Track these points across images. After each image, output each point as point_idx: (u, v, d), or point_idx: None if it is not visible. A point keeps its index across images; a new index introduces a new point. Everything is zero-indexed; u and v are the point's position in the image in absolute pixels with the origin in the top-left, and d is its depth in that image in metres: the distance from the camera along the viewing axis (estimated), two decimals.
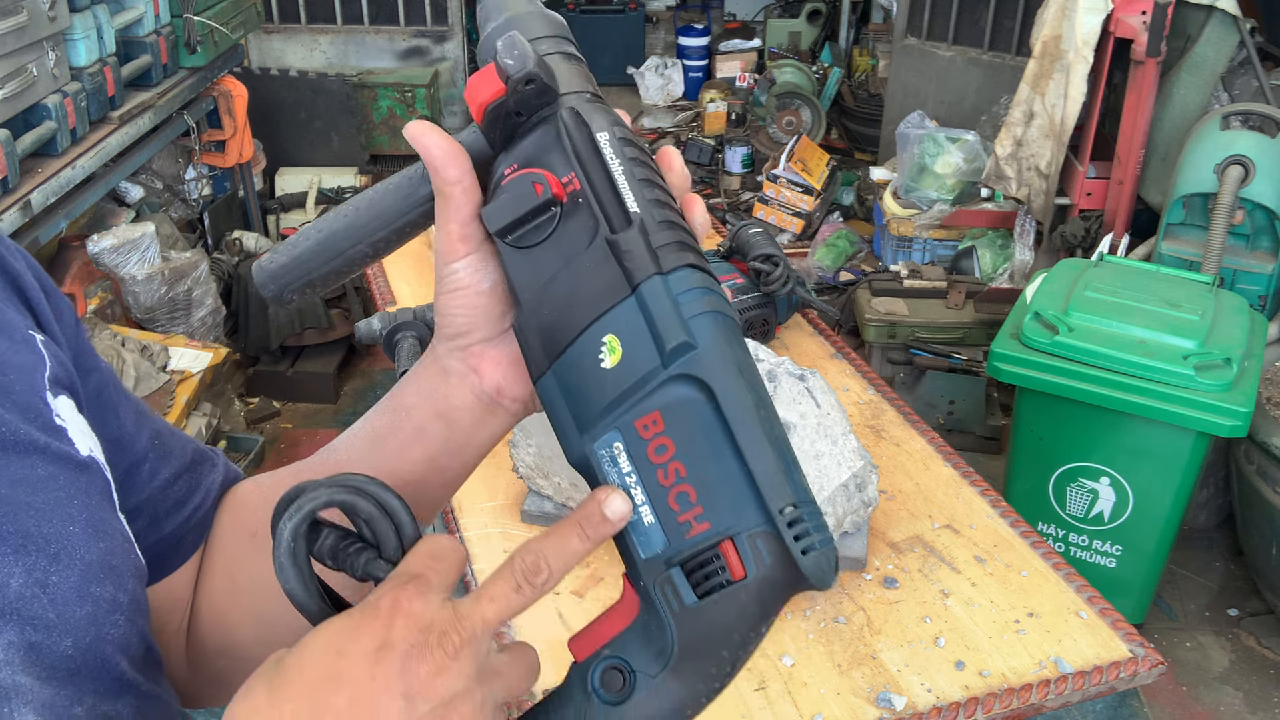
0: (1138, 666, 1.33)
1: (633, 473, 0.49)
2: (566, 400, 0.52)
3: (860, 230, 4.58)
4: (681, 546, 0.48)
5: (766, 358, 1.45)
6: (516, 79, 0.54)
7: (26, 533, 0.49)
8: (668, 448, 0.49)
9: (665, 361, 0.49)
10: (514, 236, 0.55)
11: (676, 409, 0.49)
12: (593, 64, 1.94)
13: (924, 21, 4.66)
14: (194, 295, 3.38)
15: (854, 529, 1.46)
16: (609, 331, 0.50)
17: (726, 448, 0.48)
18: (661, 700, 0.49)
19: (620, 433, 0.50)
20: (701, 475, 0.48)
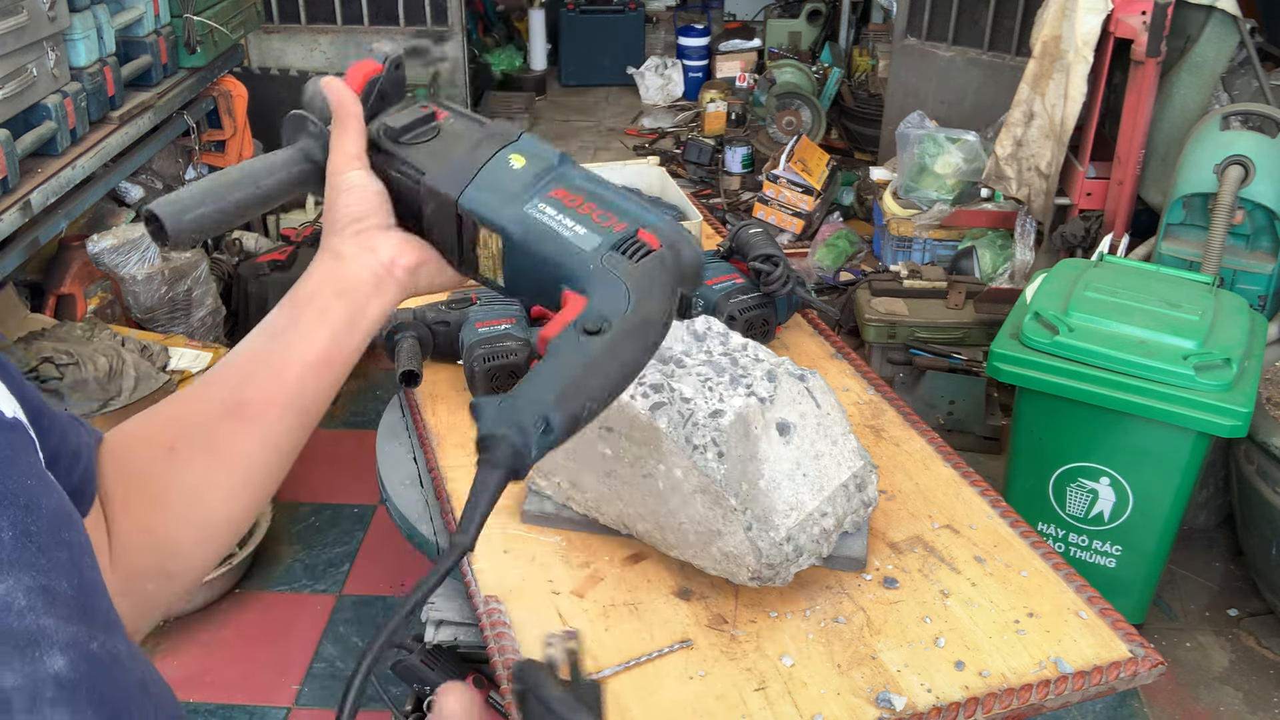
0: (1138, 666, 1.33)
1: (559, 213, 0.73)
2: (491, 192, 0.75)
3: (860, 230, 4.58)
4: (612, 237, 0.71)
5: (766, 358, 1.45)
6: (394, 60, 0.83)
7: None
8: (577, 199, 0.74)
9: (559, 165, 0.76)
10: (409, 136, 0.80)
11: (573, 181, 0.75)
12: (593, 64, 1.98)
13: (924, 21, 4.66)
14: (194, 295, 3.38)
15: (854, 529, 1.46)
16: (513, 153, 0.77)
17: (620, 194, 0.74)
18: (635, 324, 0.67)
19: (539, 198, 0.74)
20: (605, 203, 0.74)
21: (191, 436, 0.75)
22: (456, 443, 1.74)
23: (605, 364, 0.66)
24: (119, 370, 2.58)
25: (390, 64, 0.82)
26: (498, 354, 1.75)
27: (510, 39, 6.97)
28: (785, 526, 1.34)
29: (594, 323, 0.66)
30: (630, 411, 1.35)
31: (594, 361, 0.65)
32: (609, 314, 0.67)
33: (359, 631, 2.72)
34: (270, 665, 2.61)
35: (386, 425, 2.04)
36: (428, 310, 1.90)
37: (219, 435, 0.75)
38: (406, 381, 1.75)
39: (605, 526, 1.50)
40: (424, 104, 0.82)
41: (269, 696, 2.53)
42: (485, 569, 1.48)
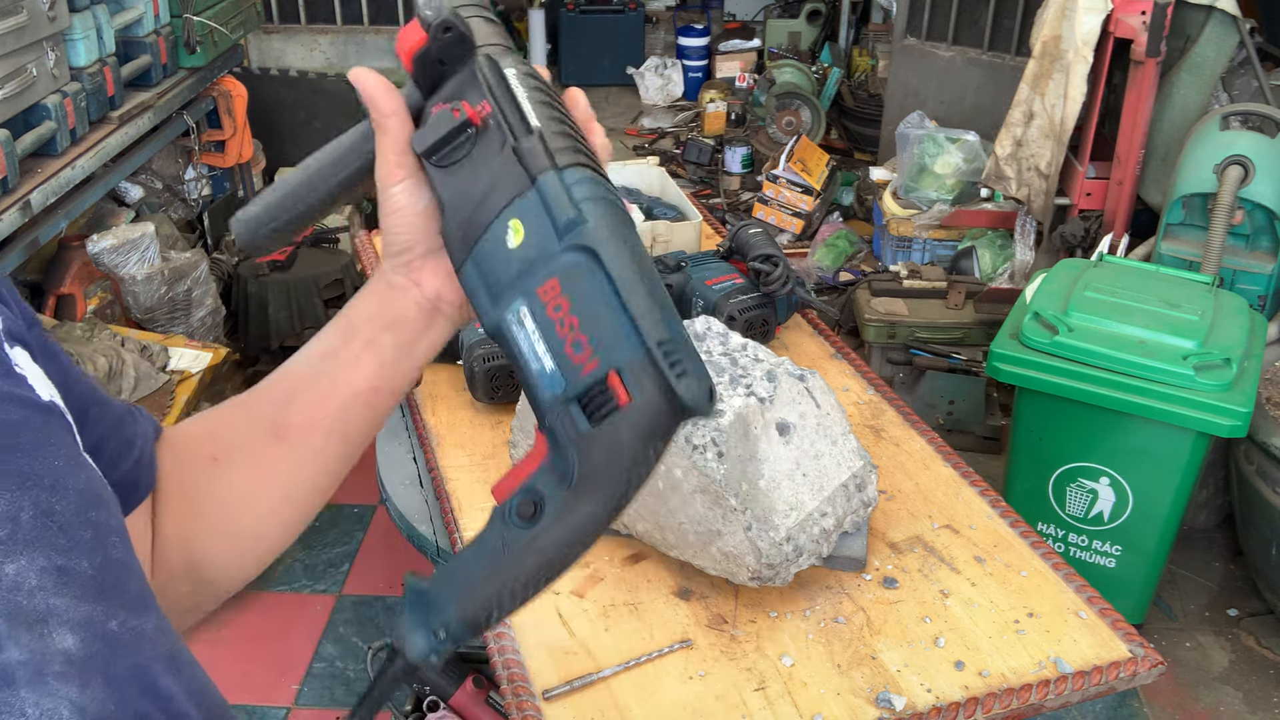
0: (1137, 666, 1.33)
1: (536, 330, 0.57)
2: (482, 280, 0.60)
3: (860, 230, 4.58)
4: (577, 384, 0.55)
5: (766, 358, 1.45)
6: (435, 27, 0.64)
7: (21, 470, 0.52)
8: (563, 306, 0.56)
9: (559, 235, 0.57)
10: (438, 156, 0.65)
11: (570, 273, 0.56)
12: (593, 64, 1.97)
13: (924, 21, 4.66)
14: (194, 295, 3.38)
15: (854, 529, 1.46)
16: (513, 217, 0.59)
17: (613, 300, 0.55)
18: (568, 518, 0.55)
19: (525, 299, 0.57)
20: (592, 324, 0.55)
21: (233, 450, 0.75)
22: (456, 443, 1.74)
23: (523, 562, 0.56)
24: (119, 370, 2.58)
25: (437, 29, 0.64)
26: (497, 354, 1.75)
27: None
28: (785, 526, 1.34)
29: (528, 504, 0.56)
30: None
31: (512, 559, 0.56)
32: (549, 492, 0.56)
33: (359, 631, 2.72)
34: (270, 665, 2.61)
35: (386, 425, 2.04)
36: None
37: (260, 453, 0.75)
38: None
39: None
40: (457, 106, 0.64)
41: (269, 696, 2.53)
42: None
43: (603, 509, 0.55)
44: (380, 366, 0.73)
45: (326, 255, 3.85)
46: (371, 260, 2.39)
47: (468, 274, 0.62)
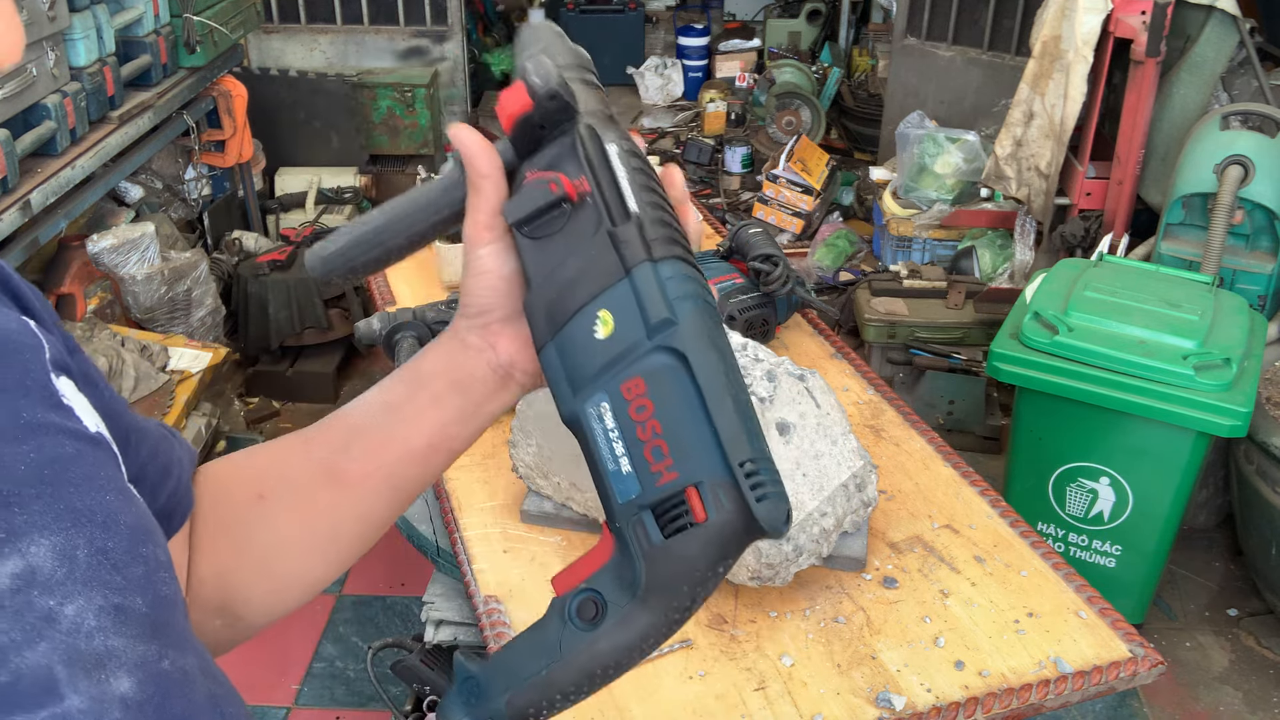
0: (1137, 666, 1.33)
1: (615, 429, 0.56)
2: (564, 366, 0.59)
3: (860, 230, 4.58)
4: (653, 493, 0.54)
5: (766, 358, 1.45)
6: (542, 95, 0.63)
7: (75, 507, 0.51)
8: (647, 408, 0.55)
9: (649, 334, 0.56)
10: (530, 228, 0.63)
11: (657, 375, 0.55)
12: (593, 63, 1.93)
13: (924, 21, 4.66)
14: (194, 295, 3.38)
15: (854, 529, 1.46)
16: (603, 307, 0.58)
17: (698, 409, 0.54)
18: (628, 628, 0.54)
19: (607, 394, 0.56)
20: (674, 432, 0.54)
21: (282, 490, 0.74)
22: None
23: (578, 665, 0.55)
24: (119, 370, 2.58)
25: (544, 97, 0.63)
26: None
27: (510, 39, 6.98)
28: None
29: (589, 605, 0.55)
30: None
31: (567, 661, 0.56)
32: (613, 597, 0.55)
33: (358, 631, 2.72)
34: (270, 665, 2.61)
35: None
36: (428, 310, 1.90)
37: (310, 496, 0.74)
38: None
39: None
40: (555, 180, 0.62)
41: (269, 696, 2.53)
42: (485, 569, 1.48)
43: (664, 622, 0.55)
44: (442, 426, 0.72)
45: None
46: None
47: (549, 356, 0.60)
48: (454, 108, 5.05)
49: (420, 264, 2.35)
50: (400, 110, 4.57)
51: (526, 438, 1.51)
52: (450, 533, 1.57)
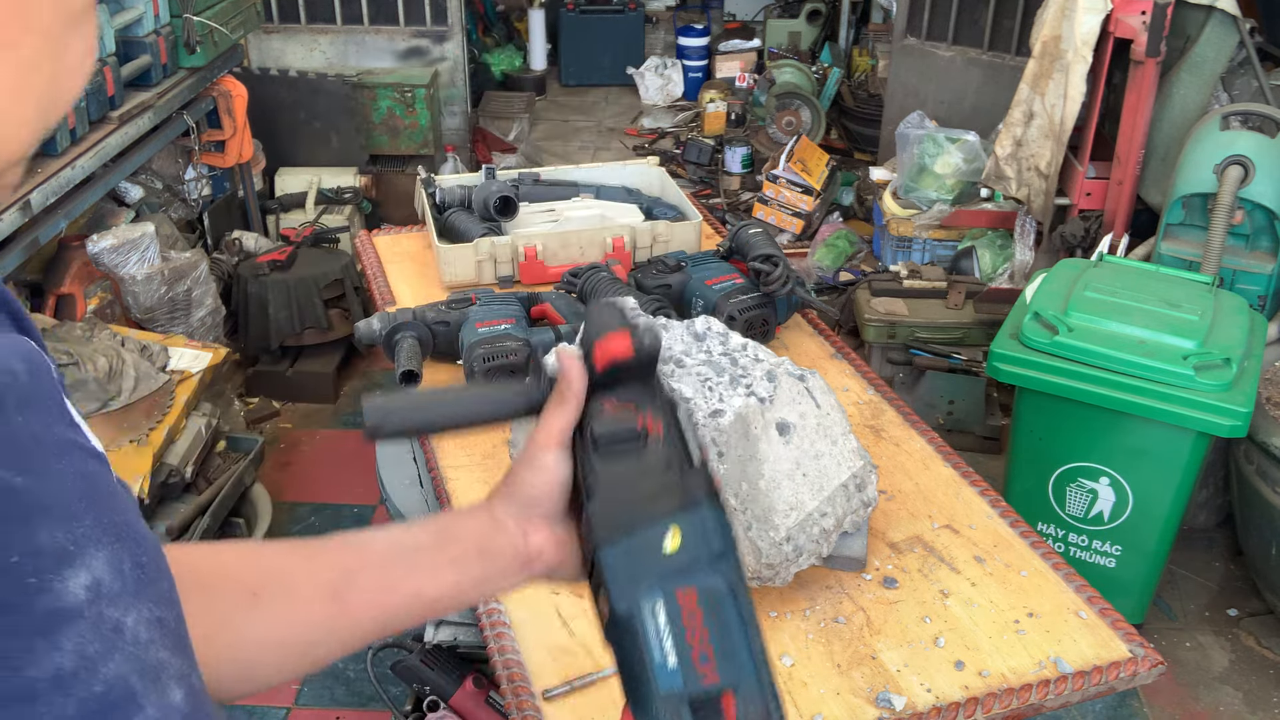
0: (1137, 666, 1.33)
1: (667, 626, 0.65)
2: (627, 565, 0.69)
3: (860, 230, 4.58)
4: (696, 689, 0.63)
5: (766, 358, 1.45)
6: (647, 352, 0.78)
7: (114, 522, 0.52)
8: (697, 616, 0.66)
9: (710, 558, 0.68)
10: (607, 447, 0.75)
11: (710, 592, 0.67)
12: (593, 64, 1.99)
13: (924, 21, 4.66)
14: (194, 295, 3.38)
15: (854, 529, 1.46)
16: (675, 525, 0.69)
17: (741, 631, 0.67)
18: None
19: (664, 596, 0.66)
20: (720, 643, 0.65)
21: (278, 593, 0.76)
22: (456, 442, 1.74)
23: None
24: (119, 370, 2.58)
25: (648, 353, 0.78)
26: (497, 354, 1.75)
27: (510, 39, 6.97)
28: (785, 526, 1.34)
29: None
30: None
31: None
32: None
33: None
34: None
35: None
36: (428, 310, 1.90)
37: (305, 608, 0.76)
38: (406, 381, 1.75)
39: None
40: (643, 414, 0.76)
41: (269, 696, 2.53)
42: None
43: None
44: (456, 586, 0.77)
45: (326, 255, 3.85)
46: (372, 260, 2.39)
47: (614, 554, 0.70)
48: (454, 108, 5.05)
49: (420, 264, 2.35)
50: (400, 110, 4.57)
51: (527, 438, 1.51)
52: None
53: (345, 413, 3.68)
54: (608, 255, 2.20)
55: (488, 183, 2.36)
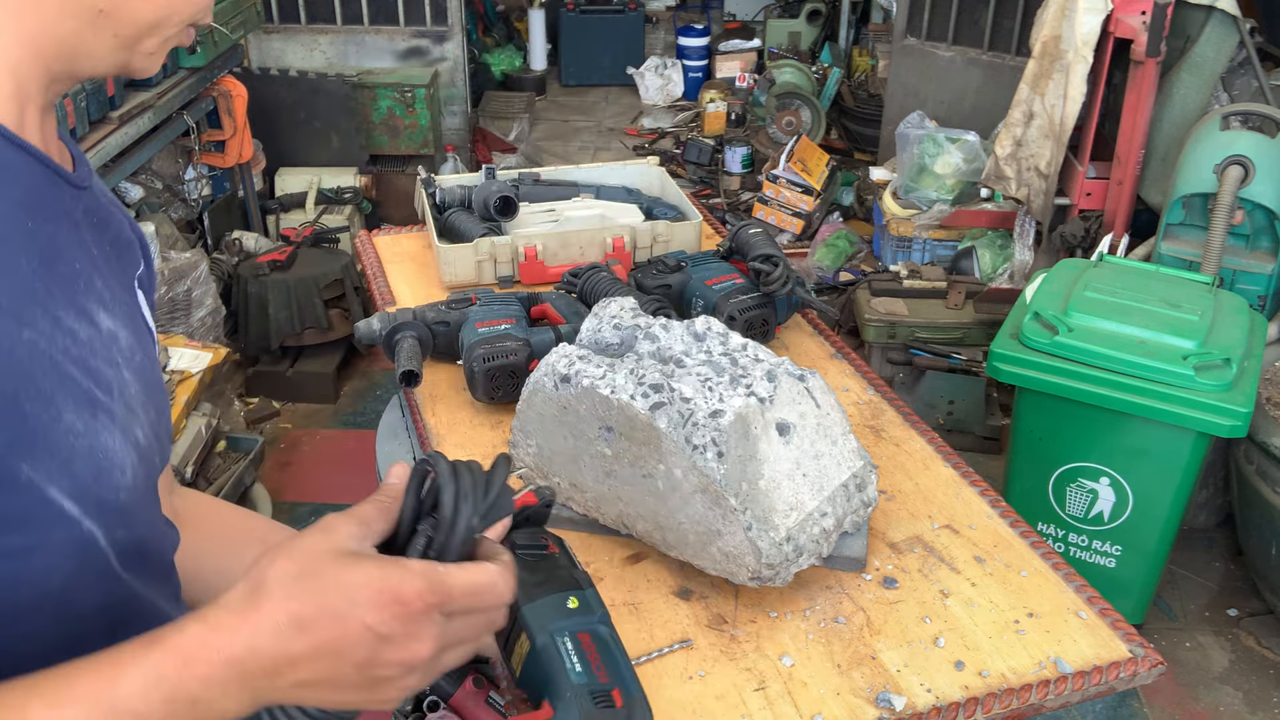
0: (1137, 667, 1.33)
1: (573, 651, 1.02)
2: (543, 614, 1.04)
3: (860, 230, 4.58)
4: (595, 685, 1.00)
5: (766, 358, 1.45)
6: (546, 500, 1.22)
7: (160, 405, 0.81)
8: (592, 648, 1.03)
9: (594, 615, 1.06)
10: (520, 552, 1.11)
11: (598, 634, 1.05)
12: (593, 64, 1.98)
13: (924, 21, 4.67)
14: (194, 295, 3.38)
15: (854, 529, 1.46)
16: (573, 598, 1.06)
17: (620, 656, 1.04)
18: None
19: (570, 635, 1.03)
20: (608, 662, 1.02)
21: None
22: (457, 443, 1.74)
23: None
24: None
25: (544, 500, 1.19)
26: (497, 354, 1.75)
27: (510, 39, 6.98)
28: (785, 526, 1.34)
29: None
30: (630, 411, 1.35)
31: None
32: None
33: None
34: None
35: (386, 425, 2.04)
36: (428, 310, 1.90)
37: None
38: (406, 381, 1.75)
39: (605, 526, 1.50)
40: (545, 536, 1.13)
41: None
42: None
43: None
44: None
45: (326, 255, 3.85)
46: (372, 260, 2.39)
47: (533, 609, 1.04)
48: (454, 108, 5.05)
49: (420, 264, 2.35)
50: (400, 110, 4.57)
51: (527, 438, 1.51)
52: None
53: (345, 413, 3.68)
54: (608, 255, 2.20)
55: (488, 183, 2.36)
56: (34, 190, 0.70)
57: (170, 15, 0.71)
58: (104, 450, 0.70)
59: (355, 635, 0.64)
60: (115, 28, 0.69)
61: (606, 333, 1.53)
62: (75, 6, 0.67)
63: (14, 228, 0.66)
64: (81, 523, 0.68)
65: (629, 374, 1.38)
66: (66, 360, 0.68)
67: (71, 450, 0.67)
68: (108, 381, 0.72)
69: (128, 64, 0.72)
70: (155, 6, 0.70)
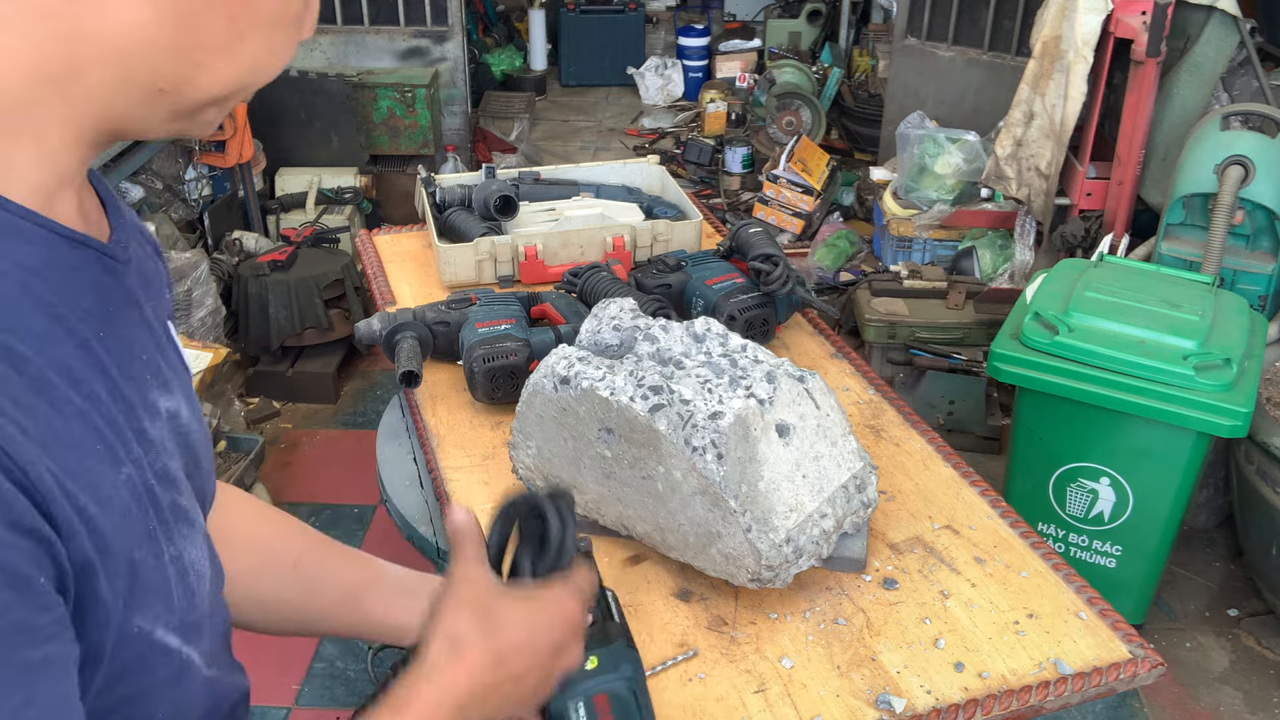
0: (1137, 667, 1.33)
1: (586, 715, 0.91)
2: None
3: (860, 230, 4.58)
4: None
5: (766, 358, 1.45)
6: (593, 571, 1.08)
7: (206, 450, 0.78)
8: (606, 708, 0.92)
9: (617, 672, 0.93)
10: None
11: (617, 696, 0.93)
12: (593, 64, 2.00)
13: (924, 21, 4.66)
14: (194, 295, 3.38)
15: (853, 530, 1.46)
16: (594, 654, 0.93)
17: (636, 709, 0.93)
18: None
19: (585, 700, 0.92)
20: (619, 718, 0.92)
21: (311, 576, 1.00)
22: (456, 443, 1.74)
23: None
24: None
25: (585, 554, 1.04)
26: (497, 354, 1.75)
27: (510, 39, 6.97)
28: (785, 528, 1.34)
29: None
30: (630, 413, 1.35)
31: None
32: None
33: None
34: (270, 665, 2.61)
35: (386, 425, 2.04)
36: (428, 310, 1.90)
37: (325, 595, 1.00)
38: (406, 382, 1.75)
39: (605, 528, 1.50)
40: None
41: (269, 696, 2.53)
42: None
43: None
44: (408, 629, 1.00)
45: (326, 255, 3.85)
46: (372, 260, 2.39)
47: None
48: (454, 108, 5.05)
49: (420, 264, 2.35)
50: (400, 110, 4.57)
51: (526, 439, 1.51)
52: None
53: (345, 413, 3.68)
54: (608, 255, 2.20)
55: (488, 182, 2.36)
56: (100, 288, 0.64)
57: (239, 90, 0.66)
58: (190, 565, 0.67)
59: (542, 654, 0.82)
60: (175, 104, 0.63)
61: (606, 334, 1.53)
62: (131, 87, 0.60)
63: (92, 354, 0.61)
64: (181, 651, 0.67)
65: (628, 375, 1.38)
66: (153, 477, 0.63)
67: (169, 582, 0.64)
68: (180, 480, 0.68)
69: (183, 130, 0.67)
70: (223, 84, 0.64)
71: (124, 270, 0.67)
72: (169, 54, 0.60)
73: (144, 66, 0.59)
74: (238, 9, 0.61)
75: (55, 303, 0.59)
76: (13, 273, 0.57)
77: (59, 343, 0.58)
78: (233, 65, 0.63)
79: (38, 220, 0.59)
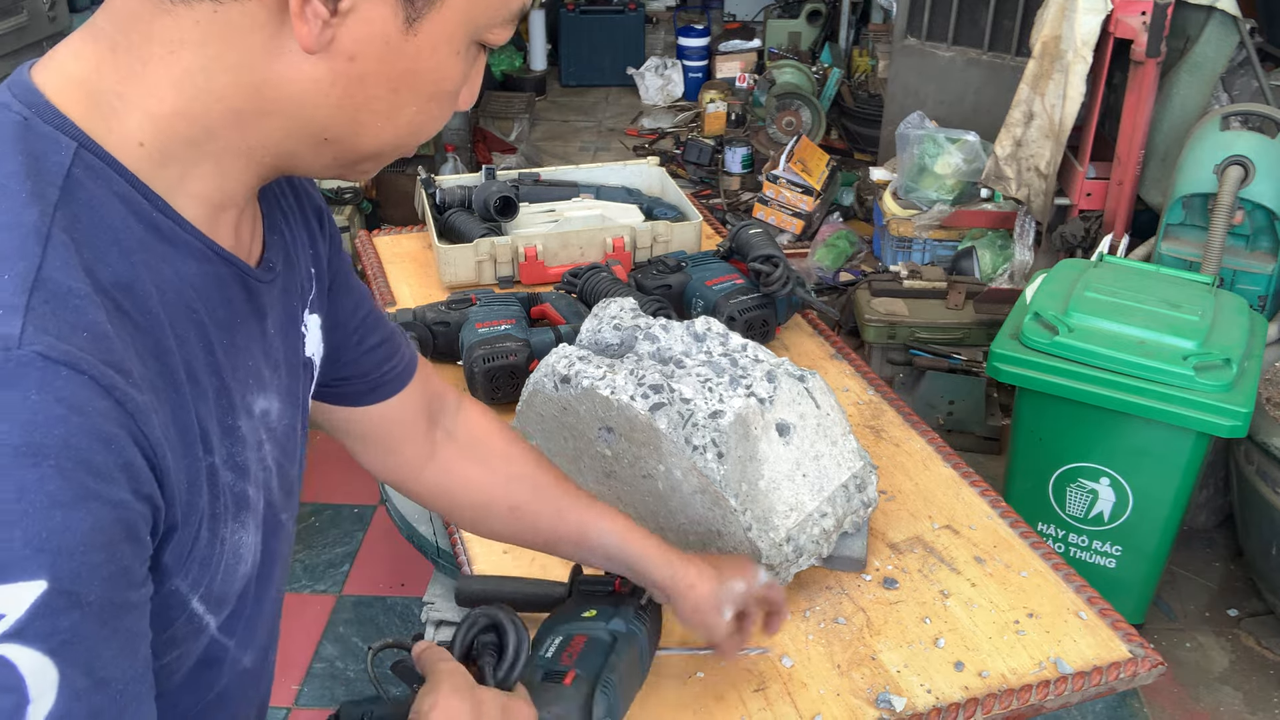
0: (1137, 667, 1.34)
1: (558, 644, 1.08)
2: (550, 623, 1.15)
3: (860, 231, 4.58)
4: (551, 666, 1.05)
5: (766, 358, 1.45)
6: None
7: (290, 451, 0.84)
8: (577, 642, 1.08)
9: (615, 625, 1.12)
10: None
11: (597, 636, 1.09)
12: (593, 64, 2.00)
13: (924, 22, 4.66)
14: None
15: (854, 529, 1.46)
16: (593, 608, 1.13)
17: (612, 657, 1.07)
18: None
19: (565, 636, 1.09)
20: (586, 654, 1.07)
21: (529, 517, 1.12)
22: None
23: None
24: None
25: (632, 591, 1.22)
26: (497, 354, 1.75)
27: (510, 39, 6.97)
28: (785, 527, 1.34)
29: None
30: (630, 412, 1.35)
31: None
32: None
33: (359, 632, 2.72)
34: None
35: None
36: (428, 310, 1.90)
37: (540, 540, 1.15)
38: None
39: None
40: (617, 578, 1.18)
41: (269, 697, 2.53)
42: (485, 569, 1.48)
43: None
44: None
45: None
46: (372, 260, 2.39)
47: (550, 619, 1.15)
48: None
49: (420, 264, 2.35)
50: None
51: (527, 438, 1.51)
52: (450, 534, 1.57)
53: None
54: (608, 255, 2.20)
55: (488, 183, 2.36)
56: (234, 302, 0.73)
57: (396, 148, 0.74)
58: (234, 546, 0.73)
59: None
60: (337, 153, 0.72)
61: (606, 333, 1.53)
62: (302, 133, 0.69)
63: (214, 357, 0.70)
64: (205, 619, 0.72)
65: (629, 375, 1.38)
66: (230, 468, 0.71)
67: (212, 558, 0.70)
68: (253, 471, 0.75)
69: (342, 175, 0.76)
70: (381, 142, 0.72)
71: (260, 289, 0.76)
72: (337, 111, 0.68)
73: (315, 118, 0.68)
74: (400, 82, 0.69)
75: (198, 309, 0.69)
76: (174, 281, 0.67)
77: (192, 344, 0.68)
78: (392, 127, 0.71)
79: (200, 238, 0.69)
